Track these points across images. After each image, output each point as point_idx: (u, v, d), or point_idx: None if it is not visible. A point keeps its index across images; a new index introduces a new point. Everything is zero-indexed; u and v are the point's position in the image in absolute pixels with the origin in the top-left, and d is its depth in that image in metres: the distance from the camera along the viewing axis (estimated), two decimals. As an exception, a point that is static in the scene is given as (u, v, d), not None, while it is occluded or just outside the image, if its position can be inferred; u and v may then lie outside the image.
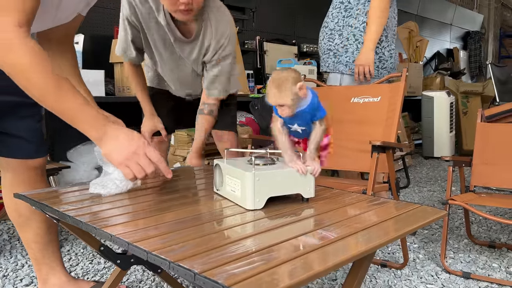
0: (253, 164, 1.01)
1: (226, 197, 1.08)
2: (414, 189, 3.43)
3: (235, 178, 1.02)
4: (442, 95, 4.78)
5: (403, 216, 0.97)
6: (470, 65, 7.96)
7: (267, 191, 0.99)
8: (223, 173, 1.08)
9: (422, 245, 2.16)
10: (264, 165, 1.05)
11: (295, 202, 1.05)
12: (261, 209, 0.98)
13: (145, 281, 1.71)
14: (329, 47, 2.27)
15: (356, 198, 1.12)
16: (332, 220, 0.93)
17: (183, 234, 0.82)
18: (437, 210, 1.01)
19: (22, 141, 1.42)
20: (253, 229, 0.87)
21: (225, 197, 1.08)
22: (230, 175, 1.04)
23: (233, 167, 1.03)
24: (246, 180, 0.97)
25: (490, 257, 2.00)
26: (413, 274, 1.82)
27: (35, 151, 1.45)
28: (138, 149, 1.04)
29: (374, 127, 1.84)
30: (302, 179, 1.04)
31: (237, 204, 1.02)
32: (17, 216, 1.44)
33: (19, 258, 1.96)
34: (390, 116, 1.82)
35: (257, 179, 0.97)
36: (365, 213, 0.99)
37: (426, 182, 3.68)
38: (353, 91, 1.99)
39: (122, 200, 1.08)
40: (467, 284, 1.72)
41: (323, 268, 0.67)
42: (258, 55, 4.41)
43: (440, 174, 4.01)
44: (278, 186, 1.01)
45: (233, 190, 1.03)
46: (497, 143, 2.05)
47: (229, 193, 1.06)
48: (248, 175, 0.96)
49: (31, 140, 1.44)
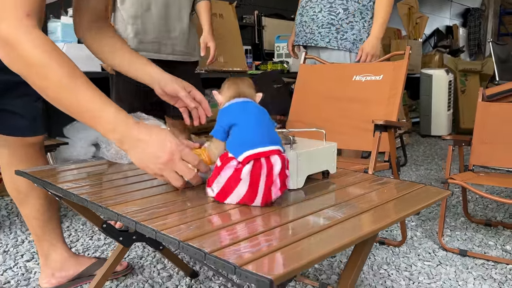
0: (291, 144, 1.00)
1: None
2: (412, 167, 3.45)
3: None
4: (441, 73, 4.76)
5: (407, 196, 0.97)
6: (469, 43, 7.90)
7: (307, 170, 1.00)
8: None
9: (419, 223, 2.18)
10: (285, 144, 1.04)
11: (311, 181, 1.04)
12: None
13: (146, 257, 1.72)
14: (331, 21, 2.16)
15: (360, 177, 1.12)
16: (337, 200, 0.93)
17: (190, 213, 0.82)
18: (441, 190, 1.01)
19: (19, 119, 1.39)
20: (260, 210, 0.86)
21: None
22: None
23: None
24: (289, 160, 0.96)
25: (486, 235, 2.03)
26: (410, 251, 1.85)
27: (32, 129, 1.43)
28: (173, 154, 0.88)
29: (376, 106, 1.83)
30: (329, 156, 1.06)
31: None
32: (16, 193, 1.43)
33: (19, 234, 1.96)
34: (393, 95, 1.81)
35: (299, 159, 0.97)
36: (370, 193, 0.98)
37: (423, 161, 3.70)
38: (355, 69, 1.97)
39: (126, 179, 1.07)
40: (464, 262, 1.75)
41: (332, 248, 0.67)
42: (256, 31, 4.34)
43: (437, 153, 4.03)
44: (314, 164, 1.03)
45: None
46: (497, 122, 2.05)
47: None
48: (290, 155, 0.95)
49: (28, 118, 1.42)
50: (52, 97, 0.89)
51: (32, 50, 0.85)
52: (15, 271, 1.62)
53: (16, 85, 1.37)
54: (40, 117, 1.48)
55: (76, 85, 0.89)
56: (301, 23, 2.29)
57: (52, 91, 0.88)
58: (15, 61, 0.87)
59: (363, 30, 2.17)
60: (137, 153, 0.90)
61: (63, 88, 0.88)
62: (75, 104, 0.89)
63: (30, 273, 1.61)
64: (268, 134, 0.85)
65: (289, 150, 0.98)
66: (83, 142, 2.83)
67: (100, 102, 0.90)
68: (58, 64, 0.87)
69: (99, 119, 0.89)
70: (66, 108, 0.90)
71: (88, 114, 0.89)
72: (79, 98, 0.89)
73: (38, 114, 1.46)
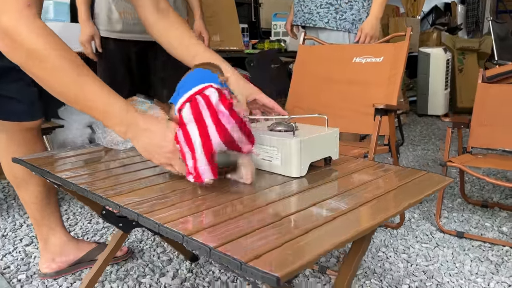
0: (294, 131, 0.99)
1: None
2: (409, 147, 3.45)
3: (271, 147, 0.99)
4: (438, 52, 4.72)
5: (410, 184, 0.96)
6: (467, 20, 7.81)
7: (309, 157, 0.99)
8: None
9: (417, 205, 2.20)
10: (286, 131, 1.02)
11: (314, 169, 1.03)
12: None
13: (145, 241, 1.73)
14: (329, 0, 2.14)
15: (362, 164, 1.11)
16: (340, 189, 0.92)
17: (192, 204, 0.81)
18: (443, 178, 1.00)
19: (16, 104, 1.37)
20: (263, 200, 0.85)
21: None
22: (262, 143, 1.00)
23: (267, 136, 0.99)
24: (291, 148, 0.95)
25: (483, 217, 2.05)
26: (408, 233, 1.87)
27: (30, 114, 1.41)
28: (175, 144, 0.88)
29: (376, 89, 1.81)
30: (331, 142, 1.05)
31: (276, 173, 0.99)
32: (13, 179, 1.42)
33: (17, 218, 1.95)
34: (393, 76, 1.79)
35: (302, 146, 0.95)
36: (372, 181, 0.98)
37: (420, 141, 3.70)
38: (355, 50, 1.94)
39: (124, 167, 1.06)
40: (461, 243, 1.77)
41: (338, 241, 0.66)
42: (253, 8, 4.26)
43: (434, 133, 4.04)
44: (317, 151, 1.02)
45: (269, 158, 1.00)
46: (497, 104, 2.04)
47: (259, 162, 1.03)
48: (293, 143, 0.94)
49: (26, 103, 1.40)
50: (56, 90, 0.87)
51: (34, 40, 0.83)
52: (15, 256, 1.62)
53: (10, 70, 1.34)
54: (38, 102, 1.46)
55: (81, 78, 0.87)
56: (299, 2, 2.24)
57: (57, 84, 0.86)
58: (17, 52, 0.84)
59: (363, 10, 2.12)
60: (143, 142, 0.90)
61: (68, 81, 0.86)
62: (82, 98, 0.88)
63: (30, 257, 1.61)
64: (201, 80, 0.85)
65: (292, 137, 0.96)
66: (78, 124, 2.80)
67: (108, 96, 0.89)
68: (61, 56, 0.85)
69: (107, 113, 0.89)
70: (71, 101, 0.88)
71: (95, 108, 0.88)
72: (85, 92, 0.87)
73: (35, 98, 1.43)
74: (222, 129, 0.81)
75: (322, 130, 1.05)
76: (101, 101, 0.88)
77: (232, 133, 0.82)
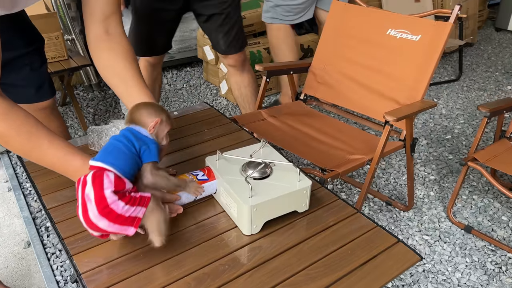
0: (250, 190, 0.96)
1: (220, 205, 1.07)
2: (463, 85, 3.12)
3: (231, 199, 1.00)
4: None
5: (378, 261, 0.94)
6: None
7: (264, 216, 0.99)
8: (218, 184, 1.05)
9: (439, 178, 2.11)
10: (260, 179, 1.01)
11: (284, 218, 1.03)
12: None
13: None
14: None
15: (334, 218, 1.07)
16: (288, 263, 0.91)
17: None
18: (412, 256, 0.97)
19: (21, 90, 1.42)
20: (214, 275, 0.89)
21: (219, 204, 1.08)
22: (226, 190, 1.01)
23: (227, 184, 1.00)
24: (243, 209, 0.95)
25: (504, 205, 1.95)
26: (415, 217, 1.85)
27: (37, 96, 1.47)
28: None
29: (403, 73, 1.61)
30: (298, 197, 1.02)
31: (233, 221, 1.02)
32: None
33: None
34: (426, 61, 1.56)
35: (254, 210, 0.95)
36: (333, 253, 0.95)
37: (482, 73, 3.31)
38: (392, 20, 1.68)
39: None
40: (464, 241, 1.74)
41: None
42: None
43: (503, 61, 3.56)
44: (275, 209, 1.00)
45: (228, 206, 1.03)
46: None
47: (223, 204, 1.05)
48: (244, 206, 0.94)
49: (31, 87, 1.44)
50: (28, 158, 0.95)
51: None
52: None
53: (13, 60, 1.36)
54: (45, 82, 1.49)
55: (37, 145, 0.91)
56: None
57: (24, 155, 0.96)
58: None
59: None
60: None
61: (27, 152, 0.93)
62: (44, 161, 0.94)
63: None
64: (111, 152, 0.88)
65: (248, 195, 0.95)
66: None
67: (64, 158, 0.92)
68: (16, 132, 0.89)
69: (67, 172, 0.94)
70: (38, 163, 0.94)
71: (57, 169, 0.94)
72: (44, 158, 0.93)
73: (43, 81, 1.47)
74: (84, 211, 0.83)
75: (289, 187, 1.00)
76: (60, 163, 0.93)
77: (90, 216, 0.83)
